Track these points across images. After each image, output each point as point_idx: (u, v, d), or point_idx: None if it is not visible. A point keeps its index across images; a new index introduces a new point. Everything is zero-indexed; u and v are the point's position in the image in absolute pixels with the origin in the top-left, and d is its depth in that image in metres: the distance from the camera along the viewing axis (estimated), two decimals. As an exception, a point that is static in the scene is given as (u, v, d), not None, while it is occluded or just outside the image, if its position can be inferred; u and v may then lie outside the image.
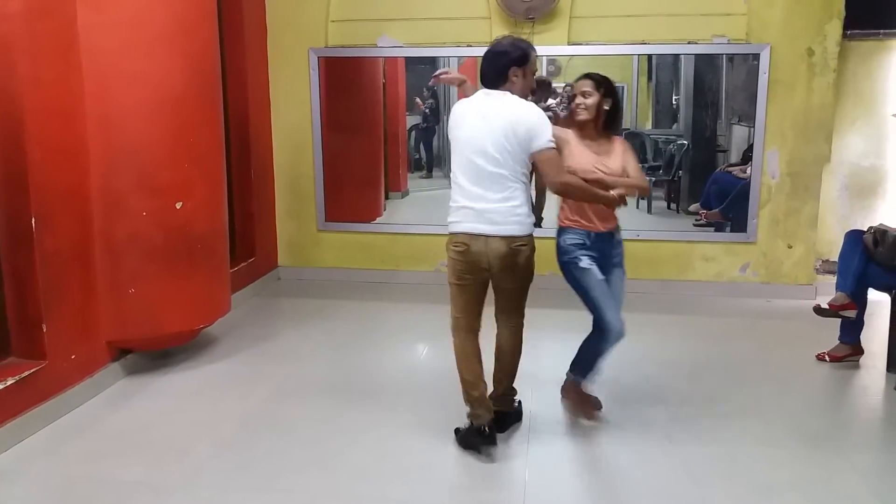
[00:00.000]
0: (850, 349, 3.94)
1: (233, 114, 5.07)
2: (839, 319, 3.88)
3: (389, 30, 5.39)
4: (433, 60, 6.58)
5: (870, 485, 2.76)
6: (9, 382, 3.02)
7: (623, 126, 6.64)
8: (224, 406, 3.45)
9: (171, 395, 3.57)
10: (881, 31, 5.16)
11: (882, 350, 3.90)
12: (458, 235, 2.86)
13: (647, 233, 5.38)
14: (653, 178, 6.26)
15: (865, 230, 3.88)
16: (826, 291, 4.50)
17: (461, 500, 2.70)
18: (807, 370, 3.89)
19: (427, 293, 5.15)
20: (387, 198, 6.87)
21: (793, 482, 2.76)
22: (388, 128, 6.90)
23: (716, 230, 5.63)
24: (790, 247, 5.21)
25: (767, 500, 2.66)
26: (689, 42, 5.10)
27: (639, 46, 5.31)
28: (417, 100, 7.70)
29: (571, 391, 3.29)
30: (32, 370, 3.13)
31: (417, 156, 8.00)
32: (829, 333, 3.99)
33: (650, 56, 6.13)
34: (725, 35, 5.07)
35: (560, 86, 6.58)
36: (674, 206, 6.35)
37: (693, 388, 3.50)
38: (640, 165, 3.14)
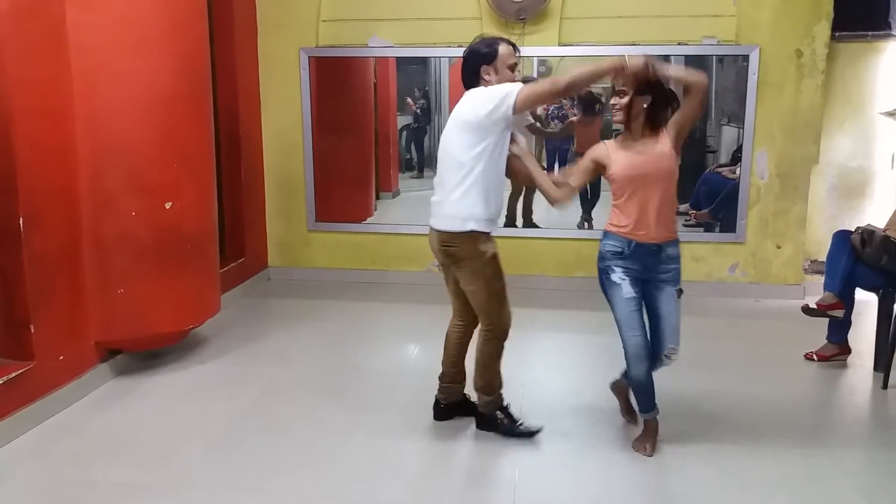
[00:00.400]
0: (838, 348, 3.96)
1: (223, 114, 5.05)
2: (827, 319, 3.91)
3: (380, 30, 5.39)
4: (424, 61, 6.59)
5: (857, 483, 2.78)
6: (-4, 383, 3.00)
7: (598, 130, 6.61)
8: (214, 407, 3.44)
9: (161, 396, 3.56)
10: (869, 33, 5.20)
11: (869, 349, 3.93)
12: None
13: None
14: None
15: (853, 230, 3.91)
16: (814, 291, 4.54)
17: (451, 501, 2.69)
18: (795, 369, 3.92)
19: (417, 293, 5.15)
20: (377, 198, 6.87)
21: (780, 480, 2.78)
22: (379, 128, 6.90)
23: (705, 230, 5.66)
24: (779, 247, 5.24)
25: (755, 499, 2.67)
26: (679, 43, 5.12)
27: (629, 48, 5.32)
28: (409, 100, 7.70)
29: (650, 429, 3.00)
30: (20, 371, 3.10)
31: (408, 156, 8.00)
32: (818, 333, 4.02)
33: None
34: (715, 36, 5.10)
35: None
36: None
37: (681, 387, 3.52)
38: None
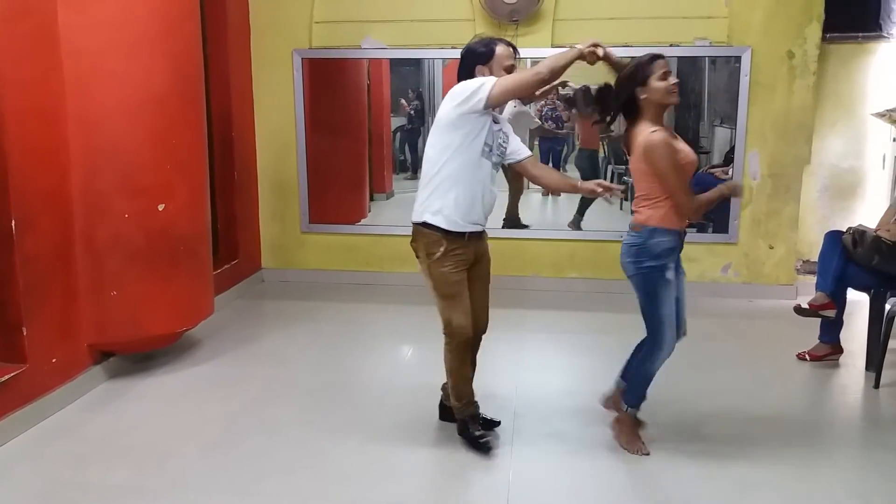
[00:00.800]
0: (830, 348, 3.98)
1: (216, 115, 5.04)
2: (819, 319, 3.93)
3: (373, 31, 5.39)
4: (418, 62, 6.59)
5: (849, 482, 2.80)
6: (-11, 386, 2.99)
7: (599, 129, 6.65)
8: (208, 409, 3.43)
9: (154, 399, 3.55)
10: (860, 35, 5.24)
11: (861, 349, 3.95)
12: None
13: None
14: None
15: (845, 231, 3.93)
16: (806, 291, 4.56)
17: (446, 502, 2.70)
18: (787, 369, 3.93)
19: (412, 295, 5.13)
20: (371, 199, 6.87)
21: (773, 480, 2.79)
22: (373, 129, 6.90)
23: (698, 231, 5.67)
24: (771, 247, 5.27)
25: (748, 498, 2.68)
26: (672, 44, 5.13)
27: (622, 49, 5.33)
28: (402, 101, 7.70)
29: (626, 425, 3.01)
30: (13, 374, 3.09)
31: (402, 157, 7.99)
32: (810, 333, 4.04)
33: (633, 59, 6.16)
34: (707, 38, 5.12)
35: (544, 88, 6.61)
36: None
37: (674, 388, 3.52)
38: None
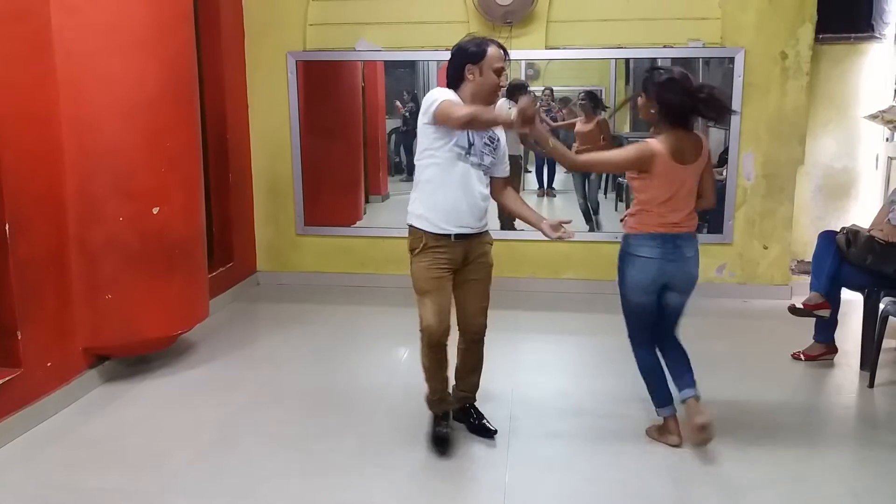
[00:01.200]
0: (825, 348, 4.00)
1: (210, 118, 5.03)
2: (814, 319, 3.94)
3: (368, 33, 5.39)
4: (412, 64, 6.59)
5: (844, 482, 2.81)
6: (-17, 391, 2.98)
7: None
8: (203, 412, 3.42)
9: (149, 402, 3.54)
10: (852, 36, 5.26)
11: (855, 349, 3.96)
12: None
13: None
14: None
15: (838, 231, 3.94)
16: (801, 291, 4.56)
17: None
18: (782, 369, 3.94)
19: (407, 297, 5.11)
20: (367, 201, 6.85)
21: (768, 479, 2.80)
22: (368, 131, 6.88)
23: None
24: (766, 248, 5.28)
25: (743, 498, 2.69)
26: (665, 46, 5.15)
27: (615, 50, 5.35)
28: (397, 103, 7.69)
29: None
30: (7, 378, 3.08)
31: (397, 159, 7.99)
32: (804, 333, 4.05)
33: (627, 60, 6.18)
34: (700, 39, 5.13)
35: (538, 90, 6.61)
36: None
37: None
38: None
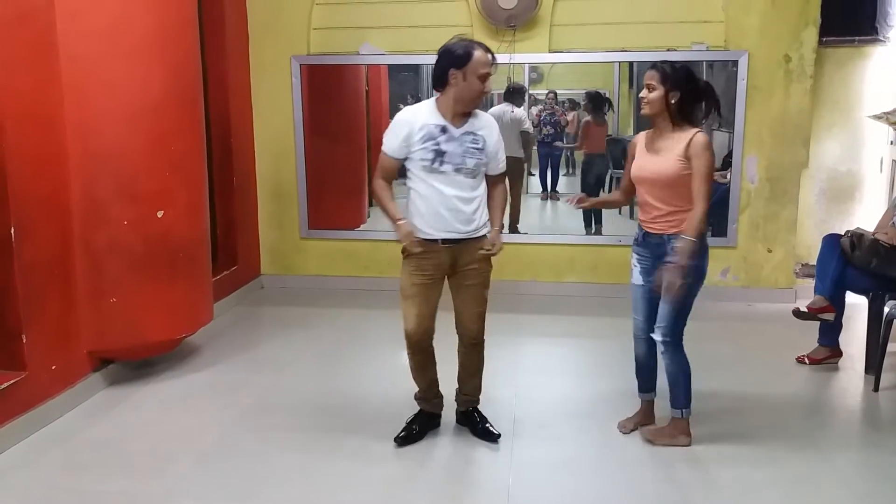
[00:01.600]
0: (829, 351, 3.98)
1: (215, 121, 5.05)
2: (818, 322, 3.94)
3: (371, 37, 5.40)
4: (416, 68, 6.60)
5: (848, 484, 2.80)
6: (-12, 394, 2.99)
7: (606, 133, 6.67)
8: (206, 416, 3.43)
9: (153, 405, 3.54)
10: (856, 38, 5.25)
11: (860, 352, 3.95)
12: None
13: (630, 238, 5.40)
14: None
15: (843, 234, 3.93)
16: (805, 295, 4.56)
17: (445, 507, 2.70)
18: (787, 372, 3.93)
19: (411, 300, 5.13)
20: (371, 205, 6.86)
21: (772, 482, 2.79)
22: (372, 135, 6.90)
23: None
24: (770, 251, 5.27)
25: (748, 500, 2.68)
26: (669, 49, 5.15)
27: (619, 54, 5.36)
28: (401, 107, 7.71)
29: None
30: (12, 381, 3.09)
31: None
32: (809, 336, 4.04)
33: (631, 63, 6.19)
34: (704, 42, 5.13)
35: (542, 93, 6.62)
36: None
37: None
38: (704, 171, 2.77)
